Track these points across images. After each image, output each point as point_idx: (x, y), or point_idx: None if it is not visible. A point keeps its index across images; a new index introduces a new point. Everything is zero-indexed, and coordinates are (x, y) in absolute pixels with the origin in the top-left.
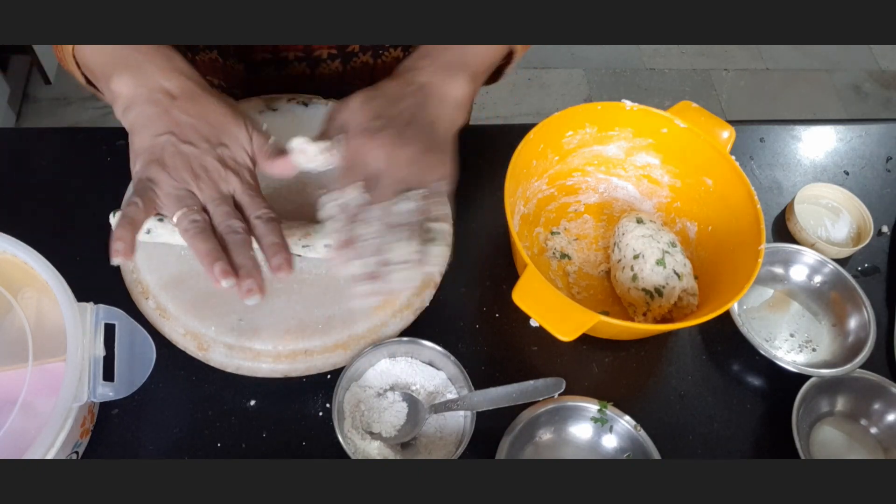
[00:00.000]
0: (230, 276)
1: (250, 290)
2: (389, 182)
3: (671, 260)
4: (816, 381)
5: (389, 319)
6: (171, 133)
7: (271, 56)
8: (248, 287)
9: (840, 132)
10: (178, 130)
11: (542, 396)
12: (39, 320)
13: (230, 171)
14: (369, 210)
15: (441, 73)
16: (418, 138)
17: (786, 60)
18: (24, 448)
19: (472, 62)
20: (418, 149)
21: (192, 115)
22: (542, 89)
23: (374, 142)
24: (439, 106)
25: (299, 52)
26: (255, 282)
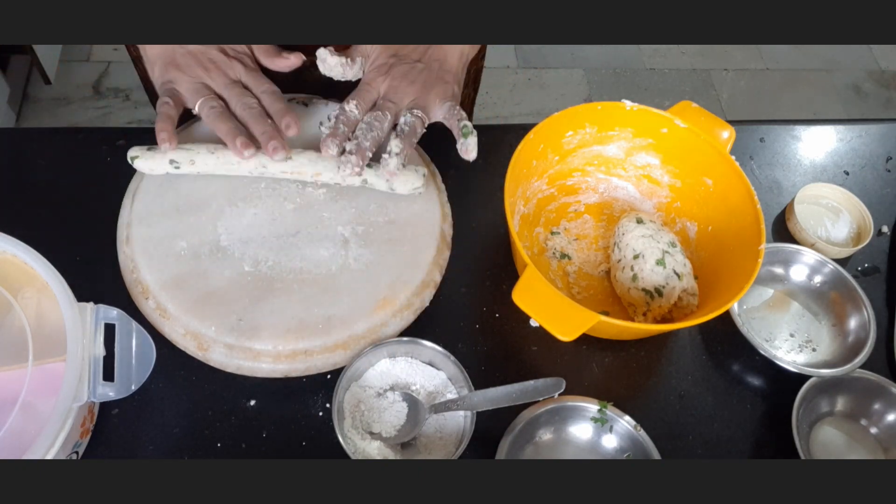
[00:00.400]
0: (250, 146)
1: (276, 149)
2: (389, 104)
3: (671, 260)
4: (816, 381)
5: (389, 319)
6: (179, 45)
7: None
8: (273, 146)
9: (840, 132)
10: (185, 46)
11: (542, 396)
12: (39, 320)
13: (234, 59)
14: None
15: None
16: (425, 73)
17: (786, 60)
18: (24, 448)
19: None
20: (422, 84)
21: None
22: (542, 89)
23: (384, 77)
24: (450, 46)
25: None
26: (278, 142)
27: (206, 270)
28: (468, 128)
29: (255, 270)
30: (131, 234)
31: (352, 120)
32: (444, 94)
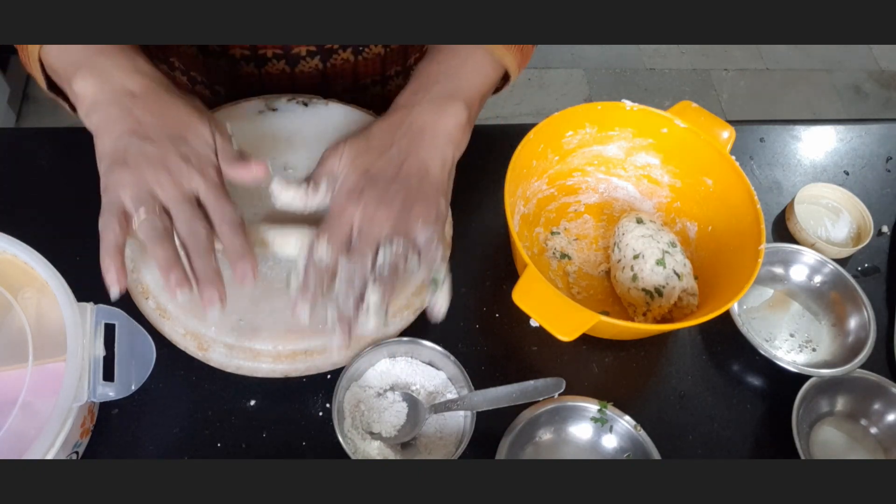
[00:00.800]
0: (185, 286)
1: (210, 301)
2: (366, 239)
3: (671, 260)
4: (816, 381)
5: (389, 319)
6: (133, 133)
7: (249, 53)
8: (208, 297)
9: (840, 132)
10: (139, 129)
11: (542, 396)
12: (39, 320)
13: (193, 168)
14: (342, 262)
15: (434, 107)
16: (402, 193)
17: (786, 60)
18: (24, 448)
19: (465, 90)
20: (400, 205)
21: (153, 114)
22: (542, 89)
23: (356, 204)
24: (431, 145)
25: (278, 50)
26: (215, 291)
27: None
28: (439, 278)
29: None
30: None
31: (324, 268)
32: (427, 214)
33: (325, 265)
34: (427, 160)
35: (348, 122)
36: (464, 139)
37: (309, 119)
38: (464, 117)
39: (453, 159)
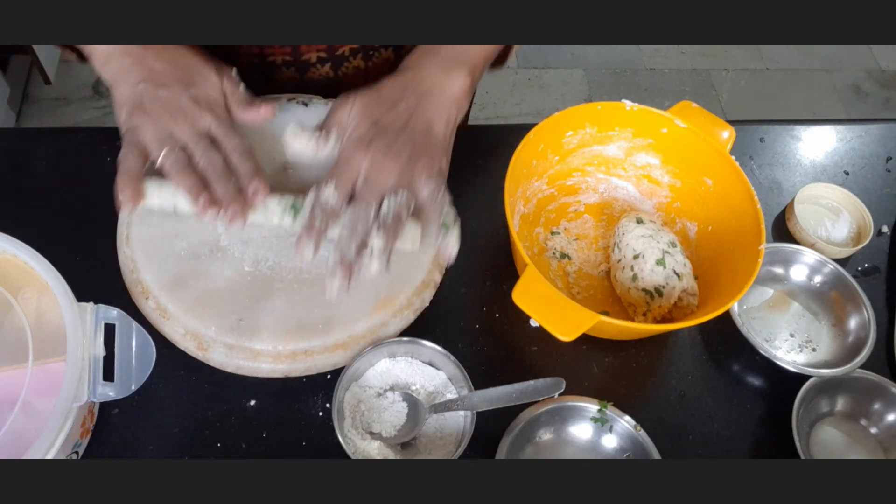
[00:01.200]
0: (212, 206)
1: (234, 216)
2: (372, 188)
3: (671, 260)
4: (816, 381)
5: (389, 319)
6: (146, 80)
7: (258, 61)
8: (231, 214)
9: (840, 132)
10: (152, 77)
11: (542, 396)
12: (39, 320)
13: (204, 109)
14: (347, 209)
15: (441, 70)
16: (409, 146)
17: (786, 60)
18: (24, 448)
19: (471, 56)
20: (407, 157)
21: (164, 62)
22: (542, 89)
23: (365, 152)
24: (437, 105)
25: (287, 56)
26: (237, 207)
27: (206, 270)
28: (448, 222)
29: (255, 270)
30: (131, 234)
31: (330, 210)
32: (430, 169)
33: (331, 207)
34: (433, 118)
35: None
36: (466, 102)
37: (309, 119)
38: (468, 82)
39: (456, 120)
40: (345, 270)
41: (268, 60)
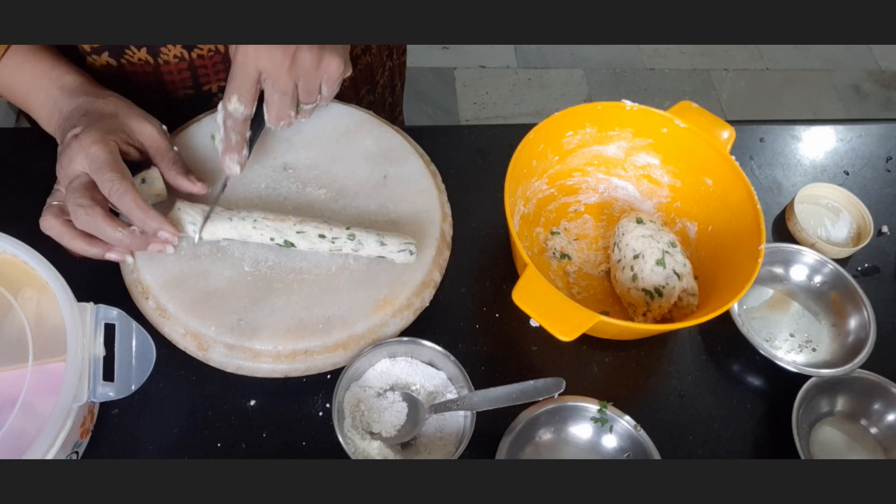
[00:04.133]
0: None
1: (159, 251)
2: (278, 96)
3: (671, 260)
4: (816, 381)
5: (389, 319)
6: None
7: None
8: (157, 250)
9: (840, 132)
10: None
11: (542, 396)
12: (39, 320)
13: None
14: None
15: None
16: (310, 53)
17: (786, 60)
18: (24, 448)
19: None
20: (296, 46)
21: (67, 118)
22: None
23: (256, 53)
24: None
25: (222, 83)
26: (154, 245)
27: (206, 270)
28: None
29: (255, 270)
30: None
31: (241, 120)
32: (332, 73)
33: (242, 116)
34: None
35: (348, 122)
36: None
37: (309, 119)
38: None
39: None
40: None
41: (172, 97)
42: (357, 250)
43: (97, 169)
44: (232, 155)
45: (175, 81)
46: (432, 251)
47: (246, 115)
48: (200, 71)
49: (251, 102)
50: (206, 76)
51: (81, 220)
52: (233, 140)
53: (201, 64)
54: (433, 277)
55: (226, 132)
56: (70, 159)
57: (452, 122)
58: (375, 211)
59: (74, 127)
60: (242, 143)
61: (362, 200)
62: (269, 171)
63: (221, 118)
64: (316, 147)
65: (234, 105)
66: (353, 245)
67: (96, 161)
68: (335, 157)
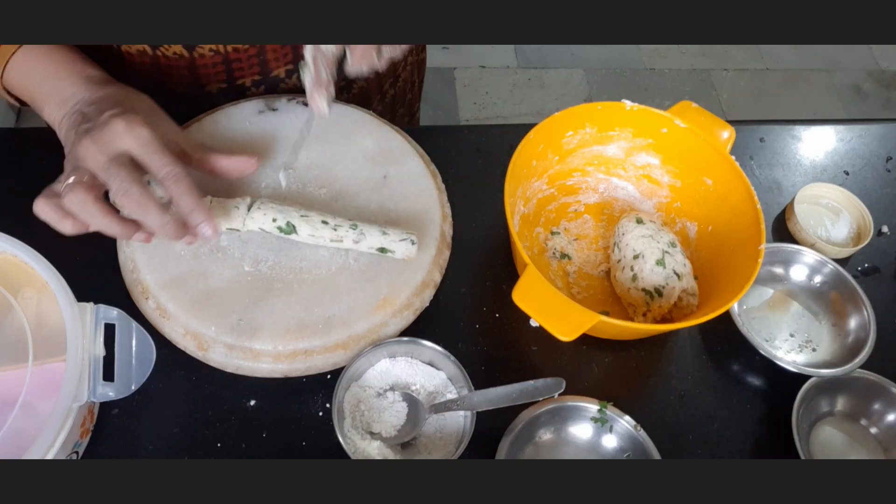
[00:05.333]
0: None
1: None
2: None
3: (671, 260)
4: (816, 381)
5: (389, 319)
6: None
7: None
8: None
9: (840, 132)
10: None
11: (542, 396)
12: (39, 320)
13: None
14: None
15: None
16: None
17: (786, 60)
18: (24, 448)
19: None
20: None
21: (93, 103)
22: (542, 89)
23: None
24: None
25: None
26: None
27: (206, 270)
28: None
29: (255, 270)
30: None
31: (331, 59)
32: None
33: (332, 55)
34: None
35: (348, 122)
36: None
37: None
38: None
39: None
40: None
41: (236, 84)
42: (358, 241)
43: (149, 150)
44: (321, 91)
45: (209, 74)
46: (432, 251)
47: (337, 54)
48: (235, 65)
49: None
50: (241, 70)
51: (133, 200)
52: (323, 75)
53: (236, 58)
54: (433, 277)
55: (316, 68)
56: (113, 136)
57: (452, 122)
58: (375, 211)
59: (112, 108)
60: (331, 80)
61: (362, 200)
62: (269, 171)
63: (311, 55)
64: (316, 147)
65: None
66: (354, 235)
67: (149, 142)
68: (335, 157)
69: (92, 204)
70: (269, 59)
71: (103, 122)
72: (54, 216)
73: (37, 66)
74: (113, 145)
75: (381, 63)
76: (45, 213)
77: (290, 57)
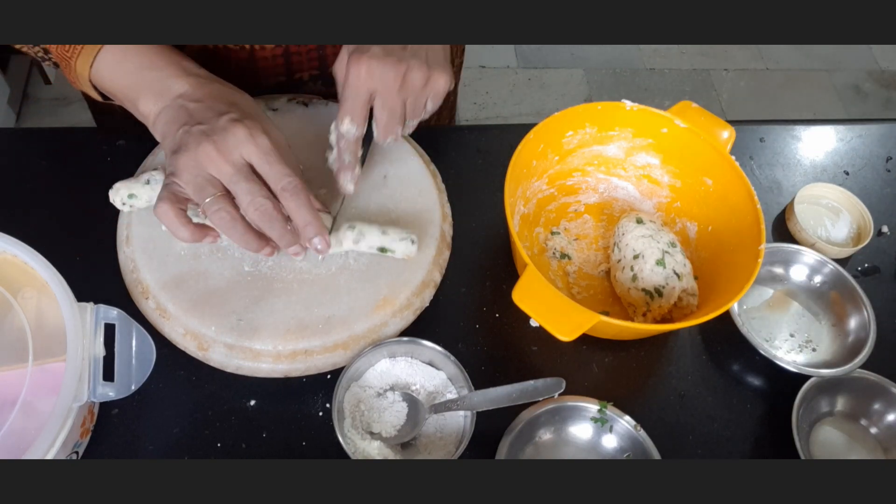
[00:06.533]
0: (270, 253)
1: (297, 253)
2: (387, 114)
3: (671, 260)
4: (816, 381)
5: (389, 319)
6: (185, 123)
7: (285, 79)
8: (294, 252)
9: (840, 132)
10: (191, 119)
11: (542, 396)
12: (39, 320)
13: (240, 133)
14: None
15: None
16: (407, 53)
17: (786, 60)
18: (24, 448)
19: None
20: (406, 65)
21: (201, 100)
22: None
23: (360, 60)
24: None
25: (314, 71)
26: (298, 249)
27: (206, 270)
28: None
29: (255, 270)
30: (131, 234)
31: (354, 140)
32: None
33: (354, 137)
34: (433, 47)
35: None
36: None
37: (309, 119)
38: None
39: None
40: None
41: (295, 78)
42: (358, 241)
43: (270, 160)
44: (346, 174)
45: (268, 68)
46: (432, 251)
47: (358, 135)
48: (294, 58)
49: (363, 123)
50: (300, 64)
51: (265, 213)
52: (346, 160)
53: (296, 51)
54: (433, 277)
55: (339, 152)
56: (236, 144)
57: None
58: (375, 211)
59: (226, 111)
60: (355, 162)
61: (362, 200)
62: None
63: (335, 138)
64: (316, 147)
65: (346, 126)
66: (354, 235)
67: (270, 152)
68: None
69: (240, 221)
70: (328, 53)
71: (223, 127)
72: (176, 223)
73: (130, 58)
74: (235, 153)
75: (406, 131)
76: (167, 219)
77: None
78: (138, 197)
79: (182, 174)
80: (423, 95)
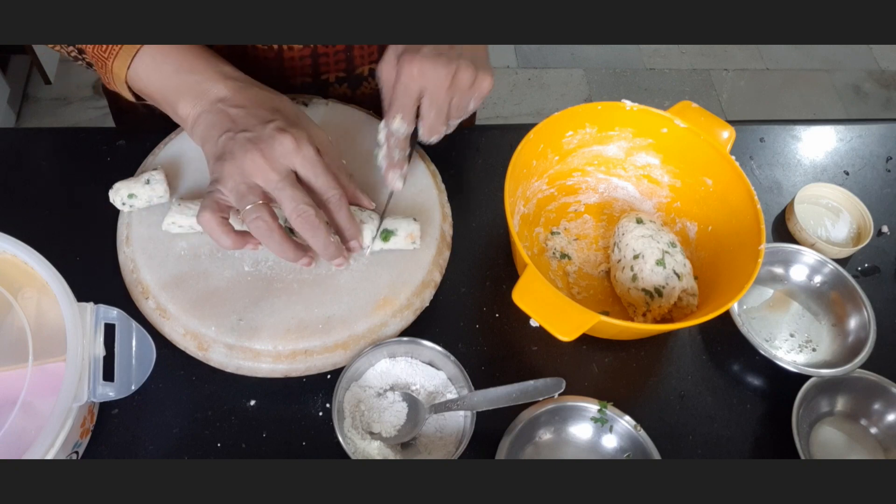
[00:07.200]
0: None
1: (339, 265)
2: (434, 113)
3: (671, 260)
4: (816, 381)
5: (389, 319)
6: (228, 129)
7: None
8: (337, 263)
9: (840, 132)
10: (234, 125)
11: (542, 396)
12: (39, 320)
13: (287, 143)
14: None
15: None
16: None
17: (786, 60)
18: (24, 448)
19: None
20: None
21: (243, 106)
22: (542, 89)
23: (413, 60)
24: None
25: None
26: (340, 259)
27: (206, 270)
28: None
29: (255, 270)
30: (131, 234)
31: (402, 138)
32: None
33: (403, 135)
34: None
35: (348, 122)
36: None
37: None
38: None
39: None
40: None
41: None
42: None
43: (317, 171)
44: (395, 171)
45: (295, 68)
46: (432, 251)
47: (408, 133)
48: (322, 59)
49: (413, 121)
50: (327, 65)
51: (309, 223)
52: (396, 157)
53: (323, 52)
54: (433, 277)
55: (389, 150)
56: (283, 153)
57: None
58: None
59: (271, 118)
60: (404, 159)
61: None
62: None
63: (384, 136)
64: None
65: (397, 124)
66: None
67: (316, 163)
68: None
69: (277, 230)
70: (356, 55)
71: (269, 135)
72: (218, 231)
73: (168, 60)
74: (282, 162)
75: (448, 130)
76: (209, 227)
77: (374, 56)
78: (138, 197)
79: (227, 181)
80: (468, 95)
